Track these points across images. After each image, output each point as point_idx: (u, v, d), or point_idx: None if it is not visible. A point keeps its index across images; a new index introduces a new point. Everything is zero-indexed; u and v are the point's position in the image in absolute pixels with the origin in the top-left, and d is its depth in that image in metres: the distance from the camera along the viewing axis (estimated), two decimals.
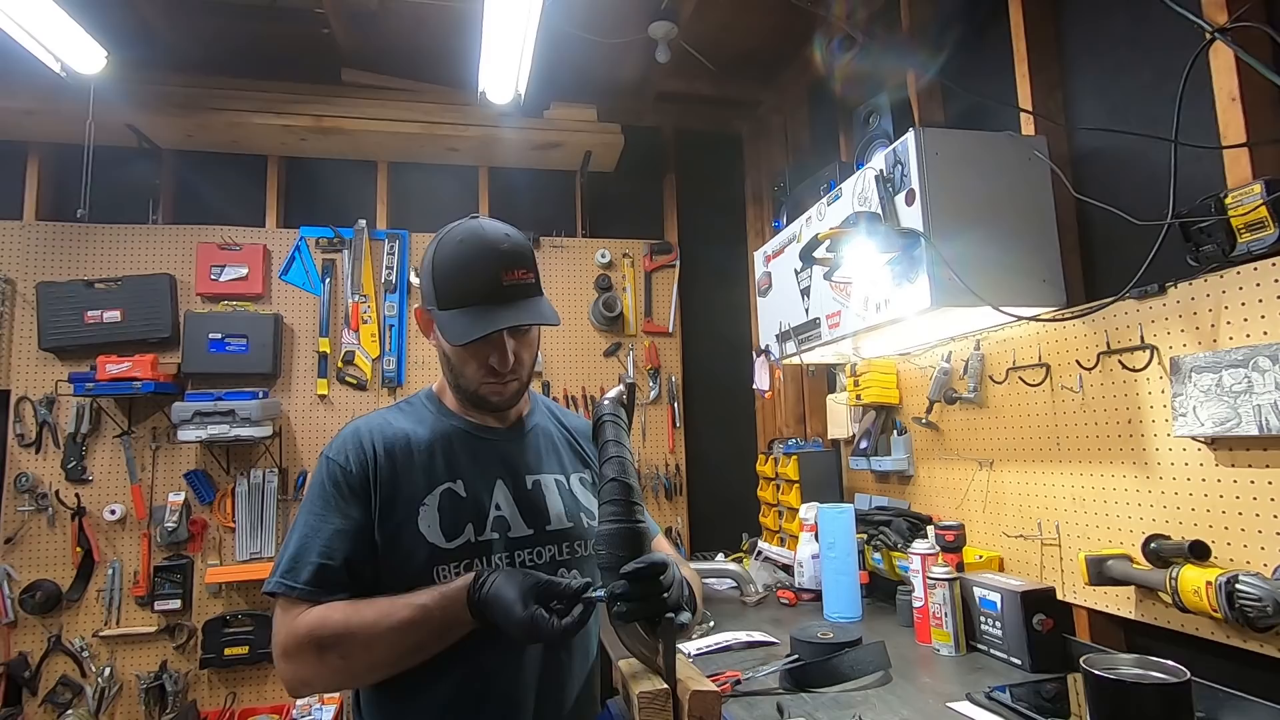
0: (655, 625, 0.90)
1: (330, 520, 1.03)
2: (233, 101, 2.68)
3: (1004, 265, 1.60)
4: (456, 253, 1.07)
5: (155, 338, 2.68)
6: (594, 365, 3.13)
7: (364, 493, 1.04)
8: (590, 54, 2.79)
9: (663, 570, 0.88)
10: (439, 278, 1.07)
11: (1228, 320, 1.27)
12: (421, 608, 0.95)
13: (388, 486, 1.05)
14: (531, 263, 1.09)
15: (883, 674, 1.46)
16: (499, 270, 1.04)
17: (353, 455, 1.06)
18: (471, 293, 1.05)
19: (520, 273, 1.06)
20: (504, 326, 1.05)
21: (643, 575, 0.87)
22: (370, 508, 1.04)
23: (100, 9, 2.32)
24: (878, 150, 1.93)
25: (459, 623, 0.95)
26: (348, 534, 1.02)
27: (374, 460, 1.06)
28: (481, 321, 1.04)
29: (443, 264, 1.07)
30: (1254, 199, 1.18)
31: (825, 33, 2.59)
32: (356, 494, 1.04)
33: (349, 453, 1.06)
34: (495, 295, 1.04)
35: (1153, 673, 1.09)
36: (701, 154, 3.45)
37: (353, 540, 1.02)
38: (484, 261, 1.05)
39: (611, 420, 1.08)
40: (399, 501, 1.04)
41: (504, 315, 1.04)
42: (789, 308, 2.23)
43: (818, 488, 2.51)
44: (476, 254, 1.06)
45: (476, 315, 1.04)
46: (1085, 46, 1.70)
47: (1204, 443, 1.32)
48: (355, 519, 1.03)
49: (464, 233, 1.08)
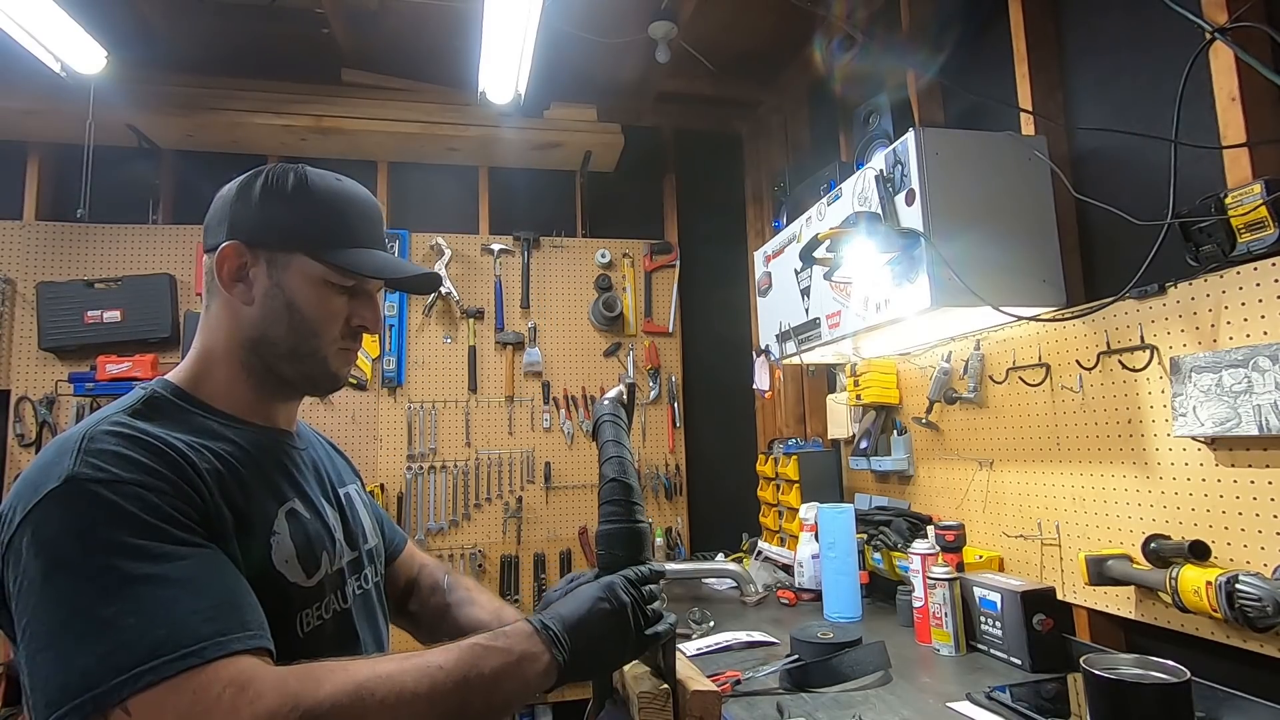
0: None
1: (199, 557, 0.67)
2: (233, 101, 2.68)
3: (1004, 265, 1.60)
4: (343, 188, 0.88)
5: (155, 338, 2.68)
6: (594, 365, 3.13)
7: (199, 523, 0.69)
8: (590, 54, 2.79)
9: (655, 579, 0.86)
10: (319, 208, 0.85)
11: (1228, 320, 1.27)
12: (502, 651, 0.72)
13: (225, 510, 0.72)
14: None
15: (883, 674, 1.46)
16: (382, 223, 0.92)
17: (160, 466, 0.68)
18: (364, 235, 0.87)
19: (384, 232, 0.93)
20: (420, 274, 0.93)
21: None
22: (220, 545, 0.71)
23: (100, 9, 2.32)
24: (878, 150, 1.93)
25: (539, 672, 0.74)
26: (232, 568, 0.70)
27: (194, 472, 0.71)
28: (392, 264, 0.88)
29: (327, 194, 0.86)
30: (1254, 199, 1.18)
31: (825, 33, 2.59)
32: (194, 523, 0.68)
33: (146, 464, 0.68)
34: (382, 245, 0.90)
35: (1153, 673, 1.09)
36: (701, 154, 3.45)
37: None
38: (372, 207, 0.91)
39: (611, 420, 1.08)
40: (244, 534, 0.74)
41: (408, 267, 0.92)
42: (789, 308, 2.23)
43: (818, 488, 2.51)
44: (364, 196, 0.90)
45: (379, 258, 0.87)
46: (1085, 46, 1.70)
47: (1204, 443, 1.32)
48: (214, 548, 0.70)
49: (329, 174, 0.89)
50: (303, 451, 0.93)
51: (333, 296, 0.85)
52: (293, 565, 0.78)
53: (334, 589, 0.84)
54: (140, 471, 0.67)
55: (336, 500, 0.94)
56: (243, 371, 0.85)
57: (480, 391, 3.00)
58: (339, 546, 0.88)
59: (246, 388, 0.85)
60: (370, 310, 0.89)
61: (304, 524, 0.83)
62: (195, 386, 0.83)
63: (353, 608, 0.87)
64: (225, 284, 0.83)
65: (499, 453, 2.99)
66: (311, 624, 0.79)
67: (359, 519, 0.97)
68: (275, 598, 0.74)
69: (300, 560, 0.79)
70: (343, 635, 0.84)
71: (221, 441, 0.79)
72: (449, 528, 2.91)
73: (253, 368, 0.85)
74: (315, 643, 0.78)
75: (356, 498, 1.00)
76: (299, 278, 0.84)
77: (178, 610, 0.61)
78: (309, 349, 0.85)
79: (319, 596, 0.81)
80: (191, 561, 0.65)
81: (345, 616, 0.85)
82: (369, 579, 0.94)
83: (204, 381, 0.84)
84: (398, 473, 2.89)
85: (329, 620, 0.82)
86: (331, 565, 0.84)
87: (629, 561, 0.89)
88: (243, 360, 0.85)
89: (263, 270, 0.83)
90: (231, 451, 0.78)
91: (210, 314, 0.87)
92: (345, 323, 0.87)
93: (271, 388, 0.87)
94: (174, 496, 0.67)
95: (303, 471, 0.90)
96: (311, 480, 0.91)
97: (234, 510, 0.74)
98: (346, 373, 0.90)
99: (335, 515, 0.91)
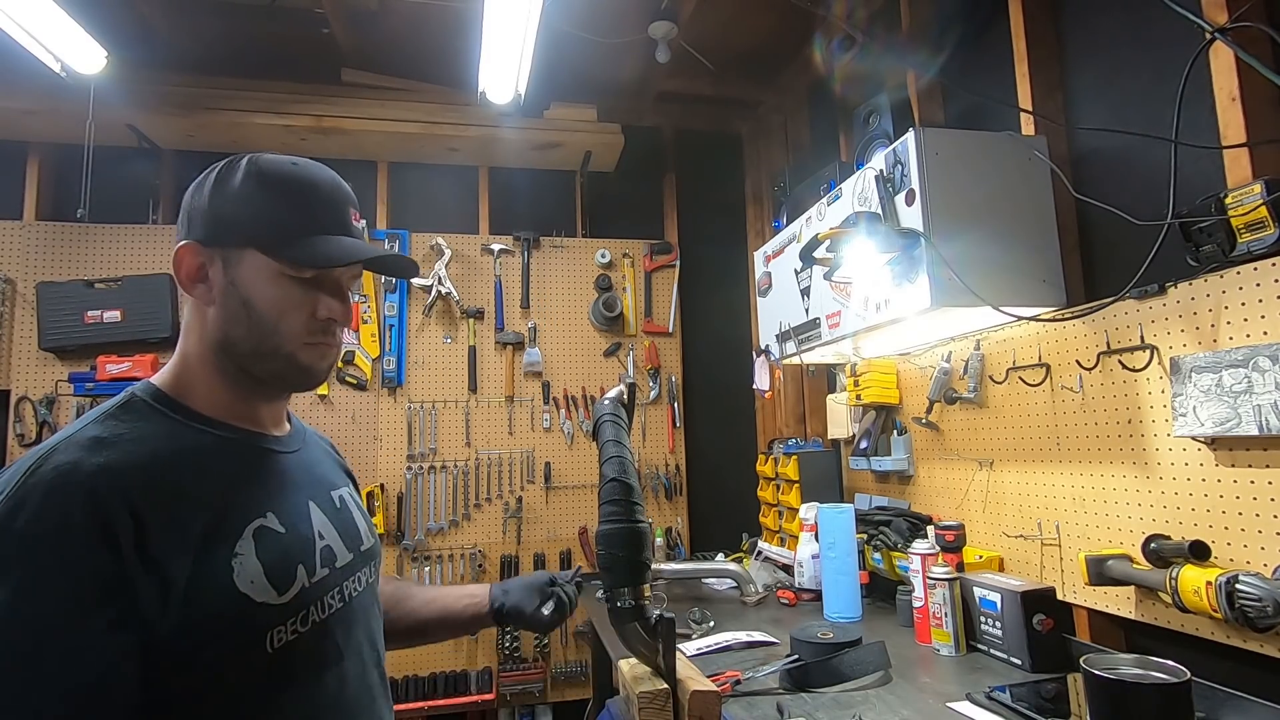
0: (655, 626, 0.90)
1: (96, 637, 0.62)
2: (233, 101, 2.68)
3: (1004, 265, 1.60)
4: (297, 173, 0.83)
5: (155, 338, 2.68)
6: (594, 365, 3.13)
7: (120, 579, 0.64)
8: (590, 54, 2.79)
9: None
10: (269, 198, 0.80)
11: (1228, 320, 1.27)
12: None
13: (165, 550, 0.68)
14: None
15: (883, 674, 1.46)
16: (347, 204, 0.86)
17: (82, 522, 0.64)
18: (323, 221, 0.83)
19: (359, 216, 0.89)
20: (384, 255, 0.88)
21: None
22: (139, 599, 0.65)
23: (100, 9, 2.32)
24: (878, 150, 1.93)
25: None
26: (133, 653, 0.65)
27: (124, 518, 0.66)
28: (350, 250, 0.83)
29: (279, 181, 0.82)
30: (1254, 199, 1.18)
31: (825, 33, 2.59)
32: (112, 587, 0.64)
33: (72, 520, 0.64)
34: (348, 229, 0.85)
35: (1153, 673, 1.09)
36: (701, 154, 3.45)
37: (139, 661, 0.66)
38: (332, 189, 0.85)
39: (611, 420, 1.08)
40: (202, 558, 0.70)
41: (371, 249, 0.86)
42: (789, 308, 2.23)
43: (818, 488, 2.51)
44: (323, 178, 0.85)
45: (336, 244, 0.82)
46: (1085, 46, 1.70)
47: (1204, 443, 1.32)
48: (132, 627, 0.65)
49: (283, 159, 0.84)
50: (291, 454, 0.89)
51: (292, 289, 0.81)
52: (260, 585, 0.74)
53: (313, 601, 0.80)
54: (52, 529, 0.63)
55: (330, 503, 0.91)
56: (218, 373, 0.83)
57: (480, 391, 3.00)
58: (327, 554, 0.85)
59: (224, 389, 0.83)
60: (338, 300, 0.85)
61: (277, 540, 0.78)
62: (176, 389, 0.82)
63: (331, 619, 0.83)
64: (185, 286, 0.82)
65: (499, 453, 2.99)
66: (284, 639, 0.76)
67: (354, 521, 0.94)
68: (239, 619, 0.72)
69: (270, 578, 0.75)
70: (319, 648, 0.81)
71: (192, 453, 0.76)
72: (449, 528, 2.91)
73: (225, 369, 0.83)
74: (286, 658, 0.76)
75: (350, 501, 0.97)
76: (252, 273, 0.80)
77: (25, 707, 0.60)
78: (270, 346, 0.81)
79: (294, 611, 0.77)
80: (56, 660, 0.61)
81: (322, 628, 0.81)
82: (362, 581, 0.91)
83: (184, 384, 0.82)
84: (398, 473, 2.89)
85: (305, 633, 0.78)
86: (310, 577, 0.80)
87: (629, 561, 0.90)
88: (215, 362, 0.82)
89: (219, 269, 0.80)
90: (201, 464, 0.76)
91: (185, 315, 0.85)
92: (310, 315, 0.83)
93: (248, 388, 0.84)
94: (82, 555, 0.64)
95: (285, 476, 0.86)
96: (298, 486, 0.87)
97: (180, 542, 0.69)
98: (324, 367, 0.86)
99: (326, 520, 0.88)
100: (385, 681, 0.93)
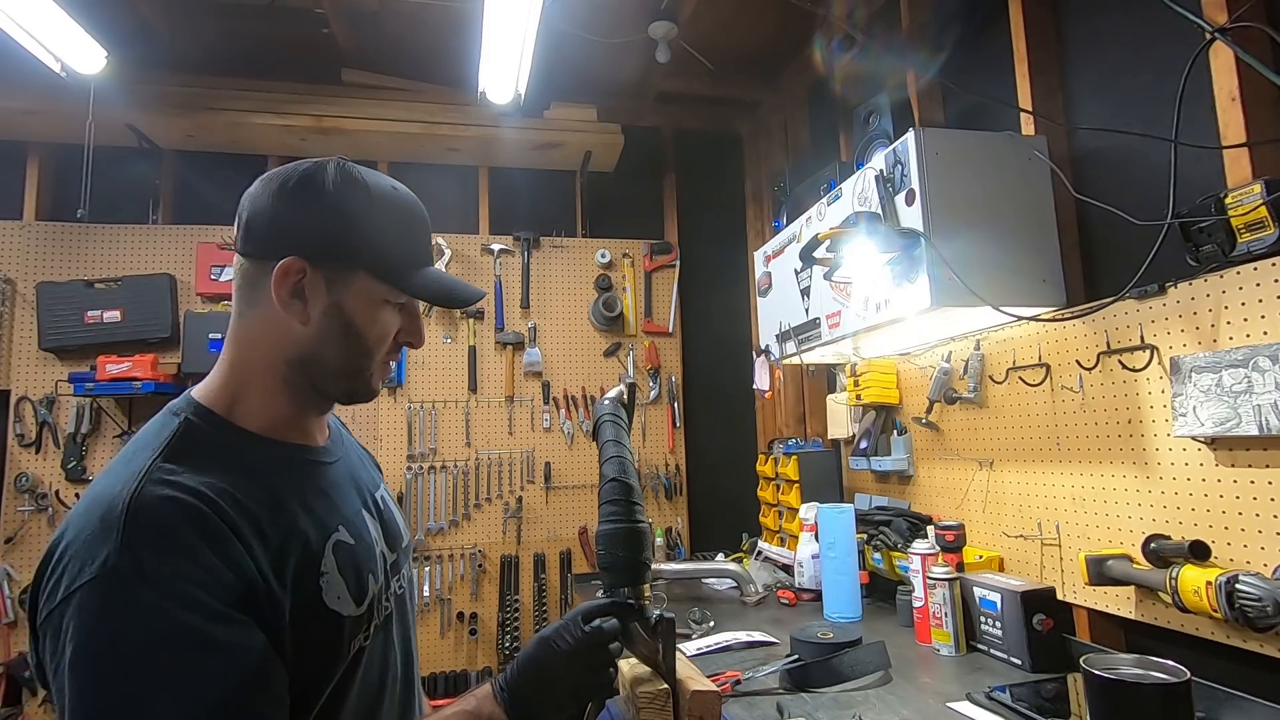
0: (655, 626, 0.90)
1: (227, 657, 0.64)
2: (233, 101, 2.68)
3: (1004, 265, 1.60)
4: (400, 200, 0.83)
5: (155, 338, 2.68)
6: (594, 365, 3.13)
7: (251, 599, 0.67)
8: (590, 54, 2.79)
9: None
10: (382, 222, 0.80)
11: (1228, 320, 1.27)
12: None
13: (278, 568, 0.70)
14: None
15: (883, 674, 1.46)
16: (430, 230, 0.88)
17: (203, 543, 0.65)
18: (426, 251, 0.86)
19: None
20: (481, 294, 0.90)
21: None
22: (265, 615, 0.68)
23: (100, 9, 2.32)
24: (878, 150, 1.93)
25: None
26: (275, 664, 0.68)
27: (239, 544, 0.67)
28: (464, 293, 0.87)
29: (392, 208, 0.81)
30: (1254, 199, 1.18)
31: (825, 33, 2.59)
32: (242, 597, 0.66)
33: (188, 544, 0.65)
34: (431, 257, 0.88)
35: (1153, 673, 1.09)
36: (701, 154, 3.45)
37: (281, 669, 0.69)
38: (424, 219, 0.86)
39: (611, 420, 1.08)
40: (296, 583, 0.72)
41: (467, 287, 0.88)
42: (789, 308, 2.23)
43: (818, 488, 2.51)
44: (418, 207, 0.86)
45: (449, 281, 0.86)
46: (1085, 46, 1.70)
47: (1204, 443, 1.32)
48: (260, 638, 0.67)
49: (383, 180, 0.83)
50: (336, 464, 0.88)
51: (392, 316, 0.82)
52: (345, 600, 0.76)
53: (378, 604, 0.83)
54: (180, 556, 0.64)
55: (374, 505, 0.92)
56: (284, 388, 0.80)
57: (480, 391, 3.00)
58: (382, 559, 0.87)
59: (285, 405, 0.81)
60: (418, 325, 0.86)
61: (350, 551, 0.80)
62: (229, 409, 0.77)
63: (387, 619, 0.87)
64: (283, 301, 0.76)
65: (499, 453, 2.99)
66: (359, 645, 0.79)
67: (394, 519, 0.96)
68: (331, 633, 0.74)
69: (351, 591, 0.77)
70: (379, 649, 0.85)
71: (261, 479, 0.74)
72: (449, 528, 2.91)
73: (296, 384, 0.80)
74: (358, 661, 0.79)
75: (388, 498, 0.98)
76: (362, 297, 0.79)
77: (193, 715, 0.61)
78: (357, 367, 0.81)
79: (369, 619, 0.80)
80: (216, 669, 0.63)
81: (384, 629, 0.86)
82: (405, 578, 0.95)
83: (239, 401, 0.78)
84: (398, 473, 2.89)
85: (373, 635, 0.82)
86: (375, 583, 0.83)
87: (629, 561, 0.90)
88: (285, 377, 0.79)
89: (321, 287, 0.77)
90: (273, 490, 0.75)
91: (247, 325, 0.80)
92: (394, 338, 0.84)
93: (311, 403, 0.83)
94: (214, 584, 0.65)
95: (340, 488, 0.86)
96: (351, 494, 0.87)
97: (279, 562, 0.71)
98: (381, 385, 0.88)
99: (375, 524, 0.89)
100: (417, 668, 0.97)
